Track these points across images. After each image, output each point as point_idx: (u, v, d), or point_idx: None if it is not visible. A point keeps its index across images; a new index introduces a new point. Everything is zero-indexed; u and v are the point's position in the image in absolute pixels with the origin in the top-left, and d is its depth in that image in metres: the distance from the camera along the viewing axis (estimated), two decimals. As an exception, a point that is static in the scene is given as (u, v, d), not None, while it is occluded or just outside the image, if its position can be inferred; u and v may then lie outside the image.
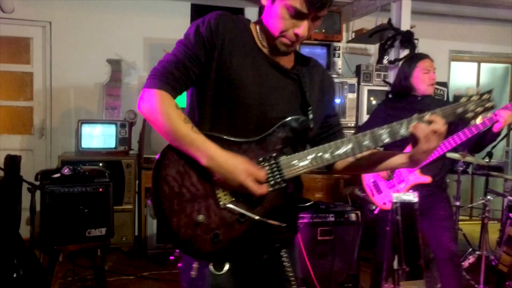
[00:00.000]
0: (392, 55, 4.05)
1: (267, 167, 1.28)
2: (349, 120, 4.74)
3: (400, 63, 3.05)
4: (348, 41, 5.14)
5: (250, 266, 1.36)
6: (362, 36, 4.80)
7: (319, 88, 1.45)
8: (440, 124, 1.29)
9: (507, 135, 4.94)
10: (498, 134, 2.68)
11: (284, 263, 1.39)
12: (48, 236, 2.88)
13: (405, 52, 3.96)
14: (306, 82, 1.39)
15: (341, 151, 1.31)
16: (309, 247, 3.31)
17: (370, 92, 4.79)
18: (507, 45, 6.01)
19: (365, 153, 1.40)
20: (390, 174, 2.91)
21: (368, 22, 4.80)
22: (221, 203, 1.25)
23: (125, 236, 4.12)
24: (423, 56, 2.87)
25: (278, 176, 1.29)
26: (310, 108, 1.36)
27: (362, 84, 4.78)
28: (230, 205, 1.25)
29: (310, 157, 1.31)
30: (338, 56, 4.70)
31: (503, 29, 5.92)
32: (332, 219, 3.42)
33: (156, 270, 3.66)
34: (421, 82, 2.81)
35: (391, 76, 4.11)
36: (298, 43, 1.34)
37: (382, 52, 4.07)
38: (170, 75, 1.27)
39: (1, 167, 2.89)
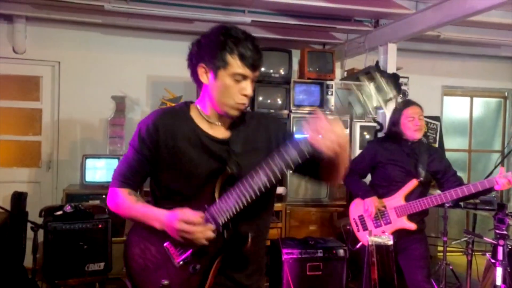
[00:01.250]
0: (380, 95, 4.25)
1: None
2: (342, 156, 4.89)
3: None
4: (342, 79, 5.36)
5: None
6: (353, 75, 5.02)
7: (259, 137, 1.59)
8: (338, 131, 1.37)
9: (494, 168, 5.06)
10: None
11: None
12: (50, 271, 3.06)
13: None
14: (235, 141, 1.54)
15: (255, 182, 1.41)
16: (298, 282, 3.46)
17: (363, 128, 4.97)
18: (499, 80, 6.19)
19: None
20: (379, 214, 3.06)
21: (359, 62, 5.02)
22: (175, 262, 1.46)
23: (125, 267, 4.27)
24: (409, 103, 3.12)
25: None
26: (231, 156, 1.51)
27: (354, 120, 4.98)
28: (181, 261, 1.46)
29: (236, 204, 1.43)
30: (331, 94, 4.90)
31: (494, 65, 6.11)
32: (321, 254, 3.58)
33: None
34: (407, 129, 3.03)
35: (380, 115, 4.30)
36: (248, 104, 1.52)
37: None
38: (125, 176, 1.56)
39: (7, 209, 3.08)
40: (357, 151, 4.91)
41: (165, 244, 1.48)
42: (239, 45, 1.43)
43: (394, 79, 4.08)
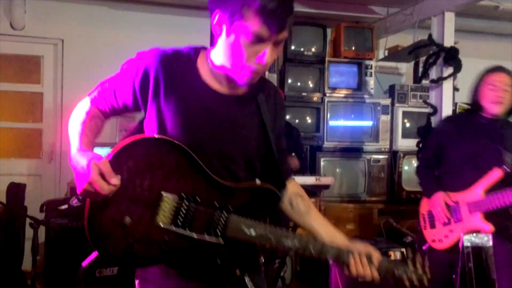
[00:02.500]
0: (433, 73, 3.69)
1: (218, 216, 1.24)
2: (382, 145, 4.36)
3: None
4: (379, 60, 4.80)
5: None
6: (396, 54, 4.47)
7: (275, 113, 1.41)
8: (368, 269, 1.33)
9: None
10: None
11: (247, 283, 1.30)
12: (52, 276, 2.53)
13: (449, 70, 3.59)
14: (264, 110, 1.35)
15: (286, 244, 1.28)
16: (348, 286, 2.94)
17: (405, 114, 4.42)
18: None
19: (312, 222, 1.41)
20: (449, 210, 2.48)
21: (402, 39, 4.47)
22: (158, 220, 1.19)
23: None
24: (496, 69, 2.51)
25: (221, 229, 1.24)
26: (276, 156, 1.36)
27: (396, 105, 4.41)
28: (164, 227, 1.20)
29: (258, 230, 1.26)
30: (370, 75, 4.36)
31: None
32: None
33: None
34: (485, 99, 2.46)
35: (433, 97, 3.74)
36: (263, 73, 1.28)
37: (423, 70, 3.72)
38: (102, 94, 1.41)
39: (3, 202, 2.55)
40: (399, 140, 4.38)
41: None
42: (264, 3, 1.12)
43: (453, 54, 3.55)
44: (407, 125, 4.43)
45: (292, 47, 4.26)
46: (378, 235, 4.10)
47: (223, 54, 1.23)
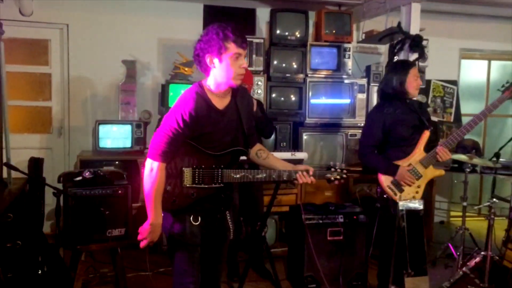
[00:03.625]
0: (401, 58, 4.11)
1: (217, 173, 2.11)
2: (358, 120, 4.82)
3: (389, 69, 3.22)
4: (359, 42, 5.20)
5: (211, 221, 2.17)
6: (371, 38, 4.86)
7: (247, 109, 2.24)
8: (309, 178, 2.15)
9: (515, 135, 4.99)
10: None
11: (227, 218, 2.25)
12: (71, 236, 3.03)
13: (414, 56, 4.02)
14: (241, 111, 2.18)
15: (259, 176, 2.14)
16: (319, 247, 3.43)
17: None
18: (518, 43, 6.02)
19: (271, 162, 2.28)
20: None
21: (378, 23, 4.84)
22: (185, 183, 2.09)
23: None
24: (414, 64, 3.18)
25: (220, 179, 2.11)
26: (247, 135, 2.20)
27: (372, 84, 4.86)
28: (189, 186, 2.09)
29: (241, 173, 2.12)
30: (348, 57, 4.77)
31: (514, 27, 5.93)
32: (342, 220, 3.54)
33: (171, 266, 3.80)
34: (412, 87, 3.06)
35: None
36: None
37: (392, 55, 4.14)
38: (165, 152, 2.04)
39: (26, 173, 3.02)
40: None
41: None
42: (231, 34, 1.98)
43: (417, 41, 3.96)
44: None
45: (277, 32, 4.66)
46: (352, 201, 4.61)
47: (221, 75, 2.03)
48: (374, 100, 4.84)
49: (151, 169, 2.03)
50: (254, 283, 3.68)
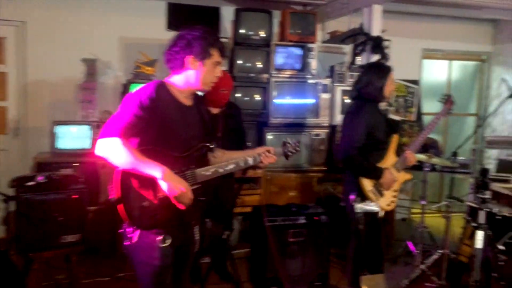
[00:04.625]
0: (364, 59, 4.15)
1: (189, 174, 2.04)
2: (322, 120, 4.84)
3: (368, 72, 3.15)
4: (323, 42, 5.22)
5: (180, 236, 2.09)
6: (336, 38, 4.89)
7: (206, 113, 2.26)
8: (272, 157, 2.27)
9: (475, 132, 5.12)
10: None
11: (194, 232, 2.21)
12: (23, 243, 2.93)
13: (375, 57, 4.06)
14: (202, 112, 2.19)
15: (228, 168, 2.15)
16: (281, 248, 3.43)
17: (344, 92, 4.89)
18: (478, 43, 6.18)
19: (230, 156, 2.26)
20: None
21: (342, 24, 4.87)
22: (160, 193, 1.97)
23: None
24: (391, 68, 3.12)
25: (193, 180, 2.04)
26: (212, 132, 2.21)
27: (335, 84, 4.88)
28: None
29: (212, 170, 2.10)
30: (313, 57, 4.77)
31: (474, 28, 6.09)
32: (304, 221, 3.55)
33: (131, 271, 3.71)
34: (389, 91, 3.09)
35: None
36: None
37: (354, 55, 4.17)
38: (123, 129, 1.90)
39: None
40: (338, 116, 4.84)
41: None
42: (217, 42, 2.05)
43: (379, 43, 4.00)
44: (345, 101, 4.91)
45: (241, 32, 4.62)
46: (317, 200, 4.64)
47: (196, 79, 2.04)
48: (338, 100, 4.87)
49: (113, 145, 1.86)
50: (216, 286, 3.65)
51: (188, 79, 2.04)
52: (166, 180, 1.88)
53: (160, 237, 1.97)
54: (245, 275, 3.83)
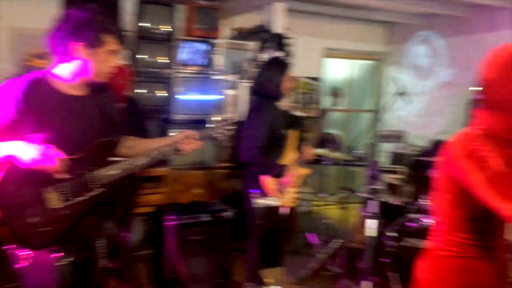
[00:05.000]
0: (268, 56, 4.22)
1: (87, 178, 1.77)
2: (228, 117, 4.84)
3: (267, 68, 3.20)
4: (229, 38, 5.22)
5: (81, 251, 1.83)
6: (240, 34, 4.91)
7: (110, 104, 1.99)
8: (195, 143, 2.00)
9: (370, 128, 5.44)
10: None
11: (97, 246, 1.92)
12: None
13: (279, 54, 4.15)
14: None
15: (140, 163, 1.88)
16: (183, 247, 3.38)
17: (249, 89, 4.94)
18: (374, 44, 6.59)
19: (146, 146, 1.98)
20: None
21: (247, 20, 4.91)
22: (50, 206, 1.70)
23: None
24: (289, 65, 3.20)
25: (94, 184, 1.77)
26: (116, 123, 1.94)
27: (241, 81, 4.91)
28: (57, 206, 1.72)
29: (119, 168, 1.83)
30: (218, 53, 4.76)
31: (370, 29, 6.48)
32: (207, 218, 3.53)
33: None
34: (287, 89, 3.12)
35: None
36: None
37: (258, 52, 4.22)
38: None
39: None
40: (244, 112, 4.88)
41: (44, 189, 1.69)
42: (113, 27, 1.78)
43: (282, 40, 4.08)
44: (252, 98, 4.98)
45: (143, 25, 4.46)
46: (223, 197, 4.64)
47: (87, 69, 1.76)
48: (244, 96, 4.91)
49: None
50: (117, 290, 3.51)
51: (76, 69, 1.75)
52: (21, 151, 1.62)
53: (57, 256, 1.71)
54: (148, 277, 3.73)
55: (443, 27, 5.86)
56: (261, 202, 2.59)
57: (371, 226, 3.23)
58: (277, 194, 2.96)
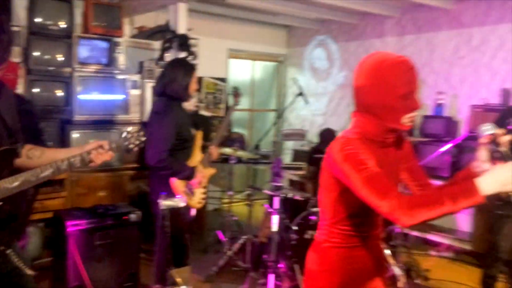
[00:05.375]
0: (172, 56, 4.21)
1: None
2: (133, 117, 4.75)
3: (173, 69, 3.17)
4: (131, 36, 5.12)
5: None
6: (143, 33, 4.84)
7: (7, 102, 1.78)
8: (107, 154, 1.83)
9: (273, 126, 5.68)
10: None
11: (12, 258, 1.76)
12: None
13: (183, 54, 4.16)
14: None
15: (44, 175, 1.70)
16: (87, 253, 3.25)
17: (153, 90, 4.89)
18: (275, 46, 6.87)
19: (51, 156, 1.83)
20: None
21: (150, 19, 4.85)
22: None
23: None
24: (195, 66, 3.20)
25: None
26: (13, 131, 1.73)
27: (145, 80, 4.84)
28: None
29: (19, 179, 1.65)
30: (120, 52, 4.63)
31: (272, 32, 6.74)
32: (112, 222, 3.43)
33: None
34: (193, 90, 3.12)
35: (171, 76, 4.28)
36: None
37: (161, 53, 4.19)
38: None
39: None
40: (148, 112, 4.81)
41: None
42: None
43: (185, 40, 4.10)
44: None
45: (37, 20, 4.20)
46: (130, 199, 4.54)
47: None
48: (149, 96, 4.84)
49: None
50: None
51: None
52: None
53: None
54: (50, 286, 3.54)
55: (337, 33, 6.30)
56: (167, 203, 2.60)
57: (275, 221, 3.40)
58: (186, 196, 2.95)
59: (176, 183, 2.96)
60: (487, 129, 1.54)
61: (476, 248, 4.37)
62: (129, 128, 1.94)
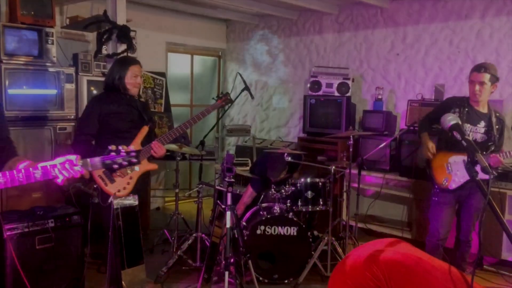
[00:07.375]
0: (110, 48, 3.98)
1: None
2: (68, 112, 4.47)
3: (114, 60, 3.18)
4: (63, 27, 4.79)
5: None
6: (77, 24, 4.55)
7: None
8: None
9: (216, 124, 5.60)
10: None
11: None
12: None
13: (122, 47, 3.95)
14: None
15: None
16: (27, 258, 3.02)
17: (90, 83, 4.63)
18: (215, 40, 6.77)
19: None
20: None
21: (84, 9, 4.58)
22: None
23: None
24: (135, 61, 3.25)
25: None
26: None
27: (80, 74, 4.56)
28: None
29: None
30: (52, 43, 4.32)
31: (211, 26, 6.64)
32: (52, 224, 3.20)
33: None
34: (130, 84, 3.19)
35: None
36: None
37: (100, 44, 3.95)
38: None
39: None
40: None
41: None
42: None
43: (125, 32, 3.91)
44: (94, 92, 4.65)
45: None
46: (67, 200, 4.25)
47: None
48: (84, 90, 4.58)
49: None
50: None
51: None
52: None
53: None
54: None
55: (277, 28, 6.34)
56: (118, 202, 2.46)
57: (227, 218, 3.33)
58: (101, 182, 2.95)
59: (93, 173, 2.98)
60: (451, 119, 1.61)
61: (414, 236, 4.61)
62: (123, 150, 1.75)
